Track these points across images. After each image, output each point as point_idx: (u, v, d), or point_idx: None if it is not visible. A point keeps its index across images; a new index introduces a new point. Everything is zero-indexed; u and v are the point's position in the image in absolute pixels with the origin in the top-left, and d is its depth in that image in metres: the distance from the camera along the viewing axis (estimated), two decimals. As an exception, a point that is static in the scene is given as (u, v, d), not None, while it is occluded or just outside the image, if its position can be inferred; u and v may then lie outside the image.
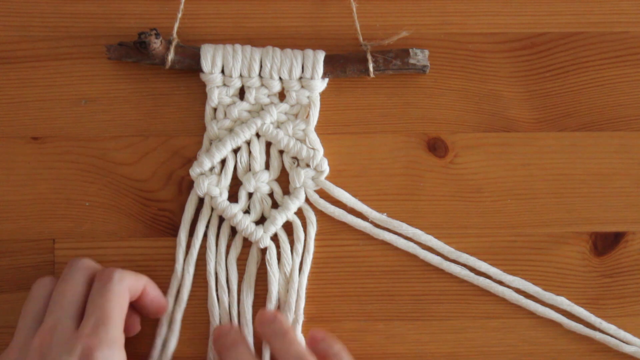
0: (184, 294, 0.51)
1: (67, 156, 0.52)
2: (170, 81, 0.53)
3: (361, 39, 0.53)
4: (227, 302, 0.51)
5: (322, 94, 0.53)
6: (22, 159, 0.52)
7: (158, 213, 0.52)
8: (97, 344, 0.44)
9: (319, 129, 0.52)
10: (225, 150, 0.51)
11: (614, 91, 0.54)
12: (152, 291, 0.49)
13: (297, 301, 0.51)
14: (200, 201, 0.52)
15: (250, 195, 0.52)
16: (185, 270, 0.51)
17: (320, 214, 0.52)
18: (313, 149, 0.52)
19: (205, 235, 0.52)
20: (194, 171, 0.51)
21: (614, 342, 0.51)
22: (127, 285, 0.47)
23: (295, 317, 0.51)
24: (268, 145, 0.52)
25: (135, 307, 0.50)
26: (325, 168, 0.52)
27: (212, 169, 0.52)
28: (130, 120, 0.53)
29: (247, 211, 0.52)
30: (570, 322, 0.52)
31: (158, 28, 0.51)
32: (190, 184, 0.52)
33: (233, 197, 0.52)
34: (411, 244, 0.52)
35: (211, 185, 0.51)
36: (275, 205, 0.52)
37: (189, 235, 0.52)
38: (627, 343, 0.52)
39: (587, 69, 0.54)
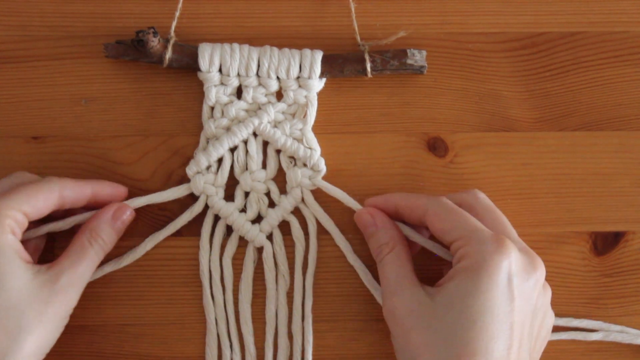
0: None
1: (67, 156, 0.52)
2: (170, 81, 0.53)
3: (359, 39, 0.53)
4: (222, 300, 0.51)
5: (322, 94, 0.53)
6: (22, 159, 0.52)
7: (158, 213, 0.52)
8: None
9: (318, 129, 0.52)
10: (222, 149, 0.51)
11: (614, 91, 0.54)
12: (104, 190, 0.50)
13: (303, 301, 0.51)
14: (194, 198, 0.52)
15: (246, 194, 0.52)
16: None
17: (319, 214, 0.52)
18: (310, 148, 0.52)
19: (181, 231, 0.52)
20: (191, 169, 0.51)
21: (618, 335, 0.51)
22: (59, 189, 0.48)
23: (303, 316, 0.51)
24: (265, 144, 0.52)
25: (97, 205, 0.50)
26: (322, 167, 0.52)
27: (208, 167, 0.52)
28: (130, 120, 0.53)
29: (243, 210, 0.52)
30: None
31: (158, 28, 0.51)
32: (190, 184, 0.52)
33: (230, 197, 0.52)
34: (410, 244, 0.52)
35: (207, 183, 0.51)
36: (272, 204, 0.52)
37: (191, 235, 0.52)
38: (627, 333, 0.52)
39: (587, 69, 0.54)
